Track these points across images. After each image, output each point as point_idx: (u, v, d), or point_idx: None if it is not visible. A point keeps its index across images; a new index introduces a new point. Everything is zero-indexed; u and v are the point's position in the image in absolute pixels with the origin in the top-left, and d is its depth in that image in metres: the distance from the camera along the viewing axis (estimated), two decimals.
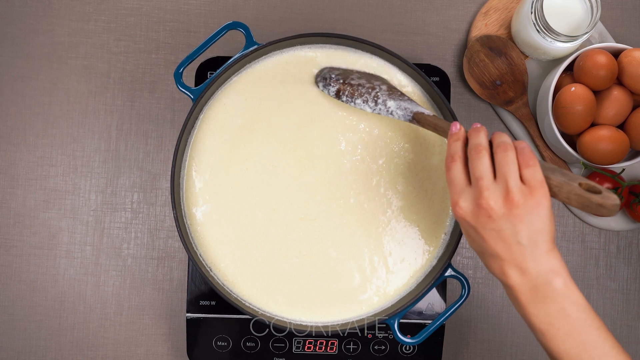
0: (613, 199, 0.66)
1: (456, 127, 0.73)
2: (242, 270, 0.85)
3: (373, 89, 0.82)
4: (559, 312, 0.68)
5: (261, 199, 0.85)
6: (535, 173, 0.68)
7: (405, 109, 0.80)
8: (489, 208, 0.67)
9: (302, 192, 0.85)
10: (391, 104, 0.81)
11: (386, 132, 0.86)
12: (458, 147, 0.72)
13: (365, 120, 0.86)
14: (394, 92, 0.82)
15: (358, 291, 0.85)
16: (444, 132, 0.76)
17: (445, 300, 0.93)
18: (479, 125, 0.72)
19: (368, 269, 0.85)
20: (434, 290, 0.93)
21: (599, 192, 0.67)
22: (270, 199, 0.85)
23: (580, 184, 0.68)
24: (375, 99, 0.82)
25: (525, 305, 0.69)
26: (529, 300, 0.69)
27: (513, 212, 0.67)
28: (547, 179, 0.68)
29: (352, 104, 0.83)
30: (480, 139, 0.71)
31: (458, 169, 0.71)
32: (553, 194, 0.69)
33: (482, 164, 0.69)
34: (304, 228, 0.85)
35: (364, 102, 0.82)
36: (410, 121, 0.80)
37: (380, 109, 0.82)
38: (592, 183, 0.68)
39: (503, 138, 0.70)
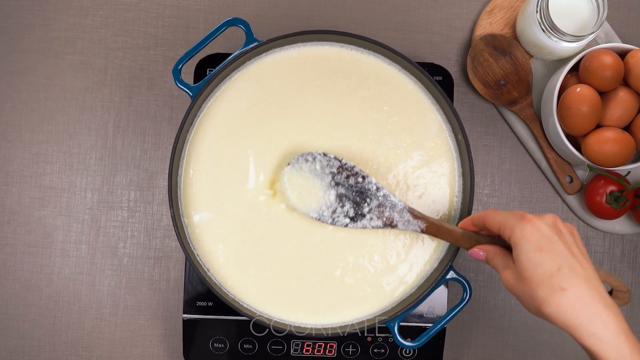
0: (629, 295, 0.73)
1: (479, 254, 0.75)
2: (240, 271, 0.85)
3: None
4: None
5: (260, 201, 0.85)
6: None
7: (407, 221, 0.80)
8: (559, 221, 0.70)
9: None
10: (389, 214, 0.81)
11: (384, 131, 0.86)
12: (497, 250, 0.75)
13: (366, 114, 0.86)
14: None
15: (362, 291, 0.85)
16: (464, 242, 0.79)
17: (446, 304, 0.93)
18: None
19: (372, 267, 0.85)
20: (435, 293, 0.93)
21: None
22: (268, 203, 0.85)
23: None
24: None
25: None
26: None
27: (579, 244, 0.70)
28: None
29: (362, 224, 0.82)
30: None
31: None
32: None
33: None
34: (307, 230, 0.85)
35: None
36: (419, 231, 0.80)
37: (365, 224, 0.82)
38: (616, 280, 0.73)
39: None
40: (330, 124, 0.85)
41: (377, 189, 0.81)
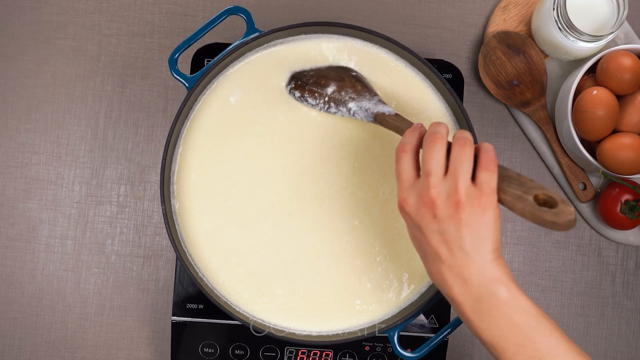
0: (567, 215, 0.65)
1: (417, 125, 0.74)
2: (234, 274, 0.85)
3: (340, 89, 0.83)
4: (507, 323, 0.67)
5: (256, 200, 0.85)
6: (490, 179, 0.68)
7: (367, 109, 0.81)
8: (434, 207, 0.68)
9: (295, 192, 0.85)
10: (352, 105, 0.82)
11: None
12: (413, 137, 0.72)
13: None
14: (358, 90, 0.83)
15: (360, 297, 0.85)
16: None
17: (449, 313, 0.93)
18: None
19: (372, 274, 0.85)
20: (437, 302, 0.93)
21: (555, 205, 0.67)
22: (265, 201, 0.85)
23: (536, 196, 0.67)
24: (336, 101, 0.82)
25: (472, 319, 0.68)
26: (474, 313, 0.68)
27: (458, 214, 0.67)
28: (502, 193, 0.69)
29: (314, 105, 0.84)
30: (439, 127, 0.71)
31: (408, 162, 0.71)
32: (510, 208, 0.69)
33: (435, 157, 0.69)
34: (302, 231, 0.85)
35: (324, 104, 0.83)
36: (373, 122, 0.81)
37: (342, 111, 0.83)
38: (551, 193, 0.67)
39: (464, 134, 0.70)
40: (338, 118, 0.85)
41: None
